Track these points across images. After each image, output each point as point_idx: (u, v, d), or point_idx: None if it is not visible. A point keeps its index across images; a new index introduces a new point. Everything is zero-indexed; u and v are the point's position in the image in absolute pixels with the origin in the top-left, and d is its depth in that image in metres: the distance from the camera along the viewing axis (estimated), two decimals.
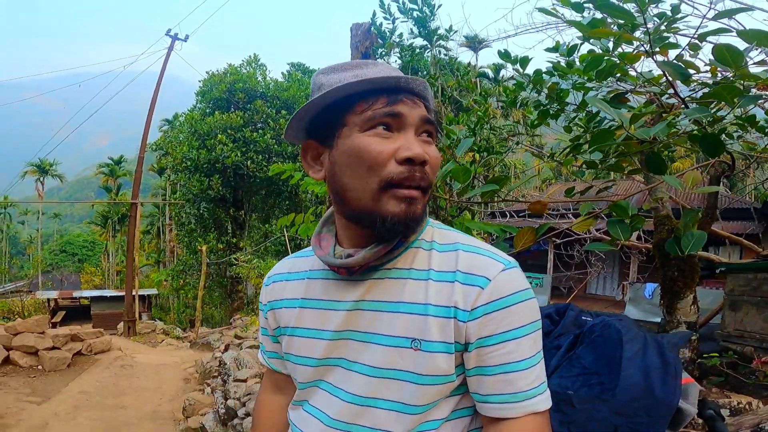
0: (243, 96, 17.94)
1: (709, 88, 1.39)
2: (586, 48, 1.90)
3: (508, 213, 7.49)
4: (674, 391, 0.79)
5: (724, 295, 3.32)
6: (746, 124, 1.55)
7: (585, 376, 0.83)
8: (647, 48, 1.50)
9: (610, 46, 1.69)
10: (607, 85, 2.12)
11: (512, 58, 2.27)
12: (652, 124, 1.87)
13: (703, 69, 1.56)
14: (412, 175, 0.69)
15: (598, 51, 1.72)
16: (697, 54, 1.57)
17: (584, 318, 0.93)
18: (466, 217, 3.34)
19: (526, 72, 2.26)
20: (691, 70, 1.48)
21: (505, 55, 2.33)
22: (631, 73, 1.94)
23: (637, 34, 1.49)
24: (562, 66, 2.04)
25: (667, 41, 1.51)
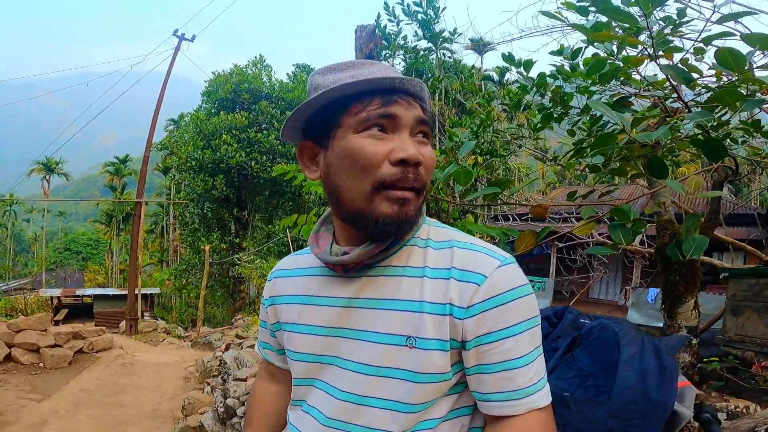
0: (248, 97, 18.00)
1: (713, 92, 1.38)
2: (590, 51, 1.90)
3: (511, 216, 7.47)
4: (670, 394, 0.78)
5: (726, 300, 3.32)
6: (751, 129, 1.54)
7: (581, 378, 0.82)
8: (651, 51, 1.49)
9: (614, 50, 1.68)
10: (611, 89, 2.11)
11: (516, 61, 2.27)
12: (656, 128, 1.86)
13: (707, 73, 1.55)
14: (405, 177, 0.69)
15: (603, 54, 1.72)
16: (702, 58, 1.56)
17: (582, 320, 0.93)
18: (469, 219, 3.34)
19: (530, 75, 2.26)
20: (695, 75, 1.47)
21: (509, 59, 2.33)
22: (635, 77, 1.93)
23: (641, 37, 1.48)
24: (566, 69, 2.04)
25: (671, 45, 1.50)
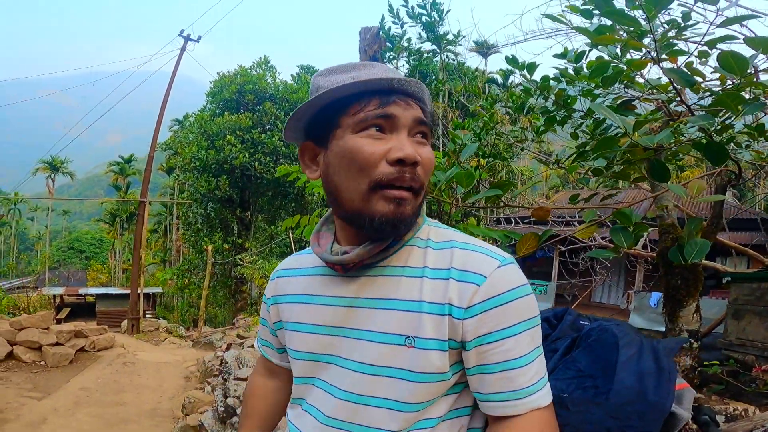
0: (252, 97, 18.07)
1: (716, 96, 1.38)
2: (594, 54, 1.90)
3: (514, 219, 7.46)
4: (667, 396, 0.78)
5: (728, 303, 3.32)
6: (755, 133, 1.54)
7: (580, 379, 0.83)
8: (654, 55, 1.49)
9: (618, 53, 1.68)
10: (615, 92, 2.11)
11: (520, 64, 2.27)
12: (659, 131, 1.85)
13: (711, 76, 1.55)
14: (402, 176, 0.69)
15: (606, 57, 1.71)
16: (706, 61, 1.56)
17: (582, 322, 0.93)
18: (471, 222, 3.34)
19: (534, 78, 2.26)
20: (698, 78, 1.47)
21: (512, 61, 2.33)
22: (639, 80, 1.93)
23: (645, 41, 1.48)
24: (570, 72, 2.04)
25: (675, 48, 1.50)
